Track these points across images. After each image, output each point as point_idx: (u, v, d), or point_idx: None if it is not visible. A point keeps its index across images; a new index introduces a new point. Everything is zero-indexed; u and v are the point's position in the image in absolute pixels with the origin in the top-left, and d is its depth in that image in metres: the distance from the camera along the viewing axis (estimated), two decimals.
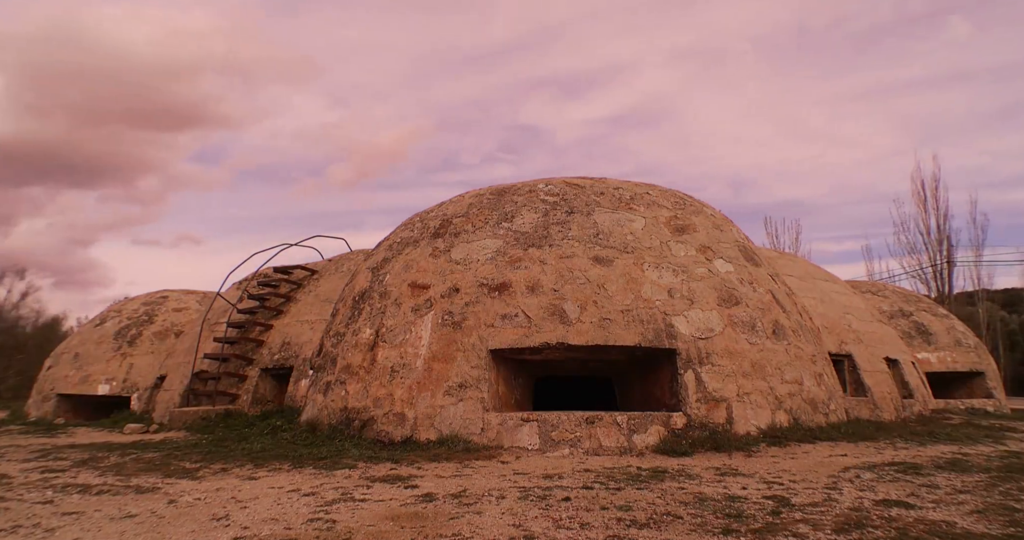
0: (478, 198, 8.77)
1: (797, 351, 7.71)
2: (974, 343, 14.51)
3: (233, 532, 3.54)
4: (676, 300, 7.29)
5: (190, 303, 15.62)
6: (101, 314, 16.06)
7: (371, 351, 7.50)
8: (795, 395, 7.31)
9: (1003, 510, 3.81)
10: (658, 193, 8.92)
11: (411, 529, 3.49)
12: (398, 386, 7.04)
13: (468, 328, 7.13)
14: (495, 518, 3.70)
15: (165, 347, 14.10)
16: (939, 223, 29.44)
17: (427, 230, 8.54)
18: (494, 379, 6.99)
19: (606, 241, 7.73)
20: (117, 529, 3.67)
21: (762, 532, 3.34)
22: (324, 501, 4.24)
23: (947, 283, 28.94)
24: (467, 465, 5.61)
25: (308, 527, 3.58)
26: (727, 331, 7.23)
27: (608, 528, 3.47)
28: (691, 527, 3.46)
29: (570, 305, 7.10)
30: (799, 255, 23.10)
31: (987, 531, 3.35)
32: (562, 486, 4.61)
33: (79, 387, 13.90)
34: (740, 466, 5.41)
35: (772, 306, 7.92)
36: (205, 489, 4.82)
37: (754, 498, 4.15)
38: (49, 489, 4.94)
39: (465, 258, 7.78)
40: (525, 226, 7.97)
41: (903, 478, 4.86)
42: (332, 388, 7.69)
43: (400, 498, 4.31)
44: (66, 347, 15.48)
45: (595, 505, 3.98)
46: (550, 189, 8.55)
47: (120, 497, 4.57)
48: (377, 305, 7.93)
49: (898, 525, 3.45)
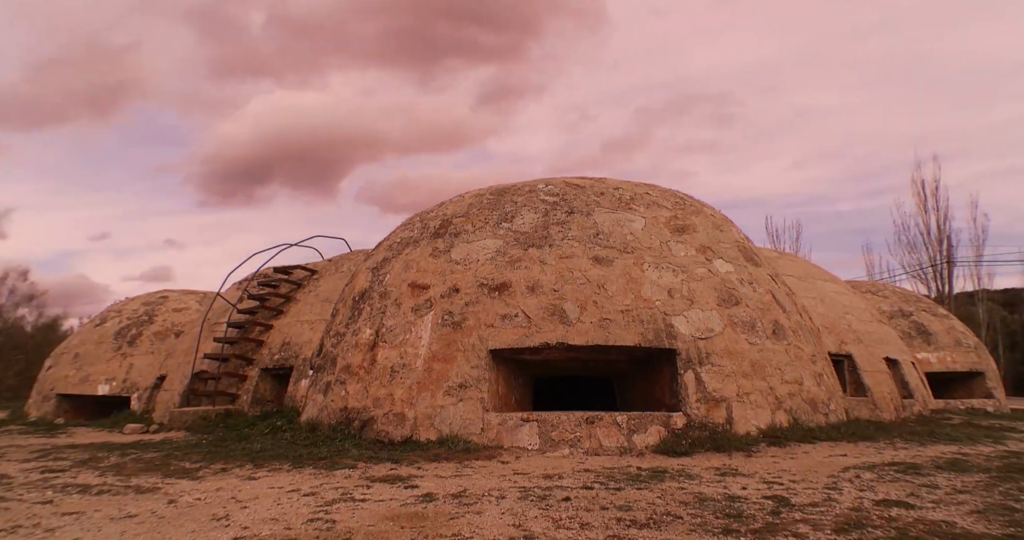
0: (478, 198, 8.78)
1: (797, 351, 7.71)
2: (974, 343, 14.51)
3: (233, 532, 3.54)
4: (676, 300, 7.29)
5: (190, 303, 15.63)
6: (101, 314, 16.07)
7: (371, 351, 7.50)
8: (795, 395, 7.31)
9: (1003, 510, 3.81)
10: (658, 193, 8.93)
11: (411, 529, 3.49)
12: (398, 386, 7.04)
13: (468, 328, 7.13)
14: (495, 518, 3.70)
15: (165, 347, 14.10)
16: (939, 223, 29.48)
17: (427, 230, 8.54)
18: (494, 379, 6.99)
19: (606, 241, 7.73)
20: (117, 529, 3.67)
21: (762, 532, 3.34)
22: (324, 501, 4.24)
23: (947, 283, 28.96)
24: (467, 465, 5.61)
25: (308, 527, 3.58)
26: (727, 331, 7.23)
27: (608, 528, 3.47)
28: (691, 527, 3.46)
29: (570, 305, 7.10)
30: (799, 255, 23.10)
31: (987, 531, 3.35)
32: (562, 486, 4.61)
33: (79, 387, 13.90)
34: (740, 466, 5.41)
35: (772, 306, 7.92)
36: (205, 489, 4.82)
37: (754, 498, 4.15)
38: (49, 489, 4.94)
39: (465, 258, 7.78)
40: (525, 226, 7.97)
41: (903, 478, 4.86)
42: (332, 388, 7.69)
43: (400, 498, 4.31)
44: (66, 347, 15.48)
45: (595, 505, 3.98)
46: (550, 189, 8.55)
47: (120, 497, 4.57)
48: (377, 305, 7.93)
49: (898, 525, 3.45)
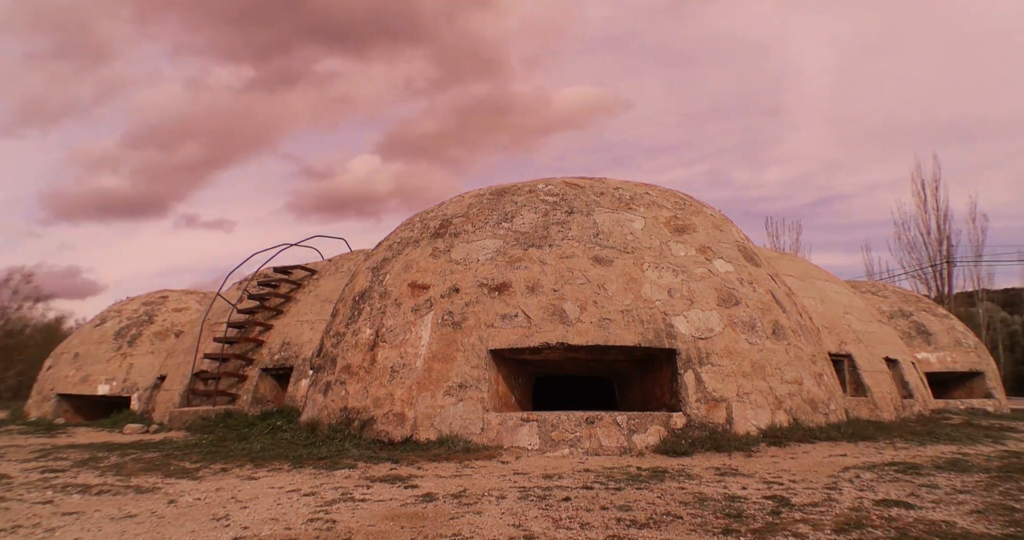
0: (478, 198, 8.78)
1: (797, 351, 7.71)
2: (974, 343, 14.51)
3: (233, 532, 3.54)
4: (676, 300, 7.29)
5: (190, 303, 15.62)
6: (101, 314, 16.05)
7: (371, 351, 7.50)
8: (795, 395, 7.31)
9: (1003, 510, 3.81)
10: (658, 193, 8.93)
11: (411, 529, 3.49)
12: (398, 386, 7.04)
13: (468, 328, 7.13)
14: (495, 518, 3.70)
15: (165, 347, 14.10)
16: (939, 223, 29.48)
17: (427, 230, 8.54)
18: (494, 379, 6.99)
19: (606, 241, 7.73)
20: (117, 529, 3.67)
21: (762, 532, 3.34)
22: (324, 501, 4.24)
23: (947, 283, 28.97)
24: (467, 465, 5.61)
25: (308, 527, 3.58)
26: (727, 331, 7.23)
27: (608, 528, 3.47)
28: (691, 527, 3.46)
29: (570, 305, 7.10)
30: (799, 255, 23.09)
31: (987, 531, 3.35)
32: (562, 486, 4.61)
33: (79, 387, 13.89)
34: (740, 466, 5.41)
35: (772, 306, 7.92)
36: (205, 489, 4.82)
37: (754, 498, 4.15)
38: (49, 489, 4.94)
39: (465, 258, 7.78)
40: (525, 226, 7.97)
41: (903, 478, 4.86)
42: (332, 388, 7.69)
43: (400, 498, 4.31)
44: (66, 347, 15.48)
45: (595, 505, 3.98)
46: (550, 189, 8.55)
47: (120, 497, 4.57)
48: (377, 305, 7.93)
49: (898, 525, 3.45)
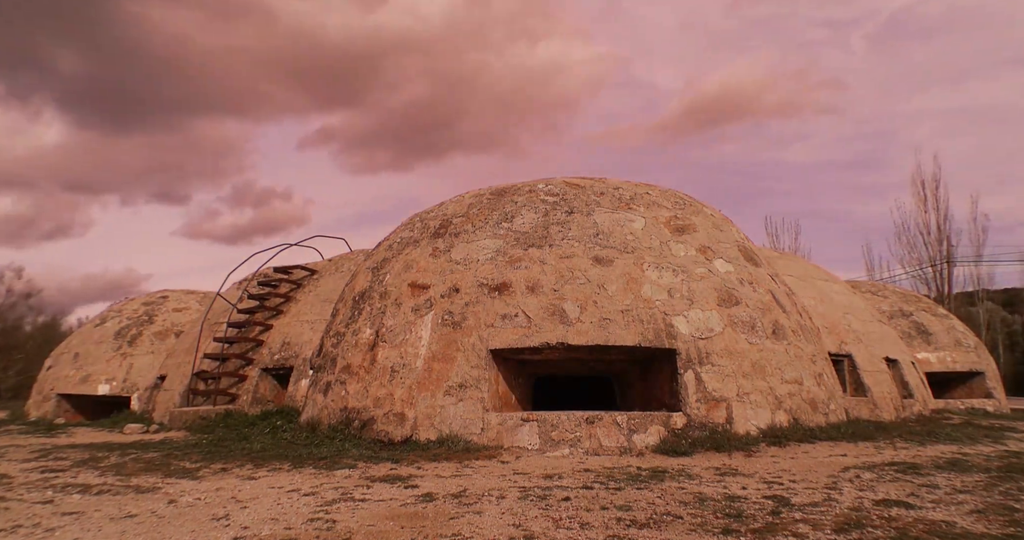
0: (478, 198, 8.78)
1: (797, 351, 7.71)
2: (974, 343, 14.50)
3: (233, 532, 3.54)
4: (676, 300, 7.29)
5: (190, 303, 15.63)
6: (101, 314, 16.06)
7: (371, 351, 7.50)
8: (795, 395, 7.31)
9: (1003, 510, 3.81)
10: (658, 193, 8.93)
11: (411, 529, 3.49)
12: (398, 386, 7.04)
13: (468, 328, 7.13)
14: (495, 518, 3.70)
15: (165, 347, 14.11)
16: (939, 223, 29.47)
17: (427, 230, 8.54)
18: (494, 379, 6.99)
19: (606, 241, 7.73)
20: (117, 529, 3.67)
21: (762, 532, 3.34)
22: (324, 501, 4.24)
23: (947, 283, 28.95)
24: (467, 465, 5.61)
25: (308, 527, 3.58)
26: (727, 331, 7.23)
27: (608, 528, 3.47)
28: (691, 527, 3.46)
29: (570, 305, 7.10)
30: (798, 255, 23.10)
31: (987, 531, 3.35)
32: (562, 486, 4.61)
33: (79, 387, 13.90)
34: (740, 466, 5.41)
35: (772, 306, 7.92)
36: (205, 489, 4.82)
37: (754, 498, 4.15)
38: (49, 489, 4.94)
39: (465, 258, 7.78)
40: (525, 226, 7.97)
41: (903, 478, 4.86)
42: (332, 388, 7.69)
43: (400, 498, 4.31)
44: (66, 347, 15.48)
45: (595, 505, 3.98)
46: (550, 189, 8.55)
47: (120, 497, 4.57)
48: (377, 305, 7.93)
49: (898, 525, 3.45)
